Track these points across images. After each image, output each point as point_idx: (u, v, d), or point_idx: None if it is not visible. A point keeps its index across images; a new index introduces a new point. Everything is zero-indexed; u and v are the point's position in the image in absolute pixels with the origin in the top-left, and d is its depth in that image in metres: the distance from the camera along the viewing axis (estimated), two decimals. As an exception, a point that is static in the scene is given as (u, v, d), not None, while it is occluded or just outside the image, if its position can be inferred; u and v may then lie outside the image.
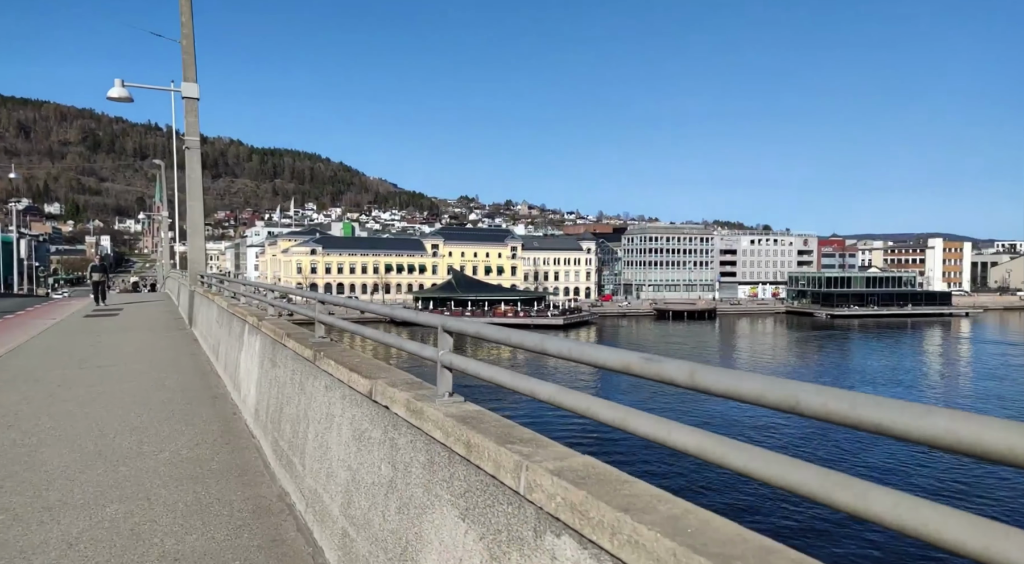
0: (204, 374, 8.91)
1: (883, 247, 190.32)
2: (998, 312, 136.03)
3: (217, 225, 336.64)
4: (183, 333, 13.82)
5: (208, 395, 7.57)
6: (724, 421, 38.08)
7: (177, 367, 9.41)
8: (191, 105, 14.72)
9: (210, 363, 9.70)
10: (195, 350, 11.19)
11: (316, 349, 4.56)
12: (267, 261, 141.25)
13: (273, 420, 5.42)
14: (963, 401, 45.10)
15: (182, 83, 14.71)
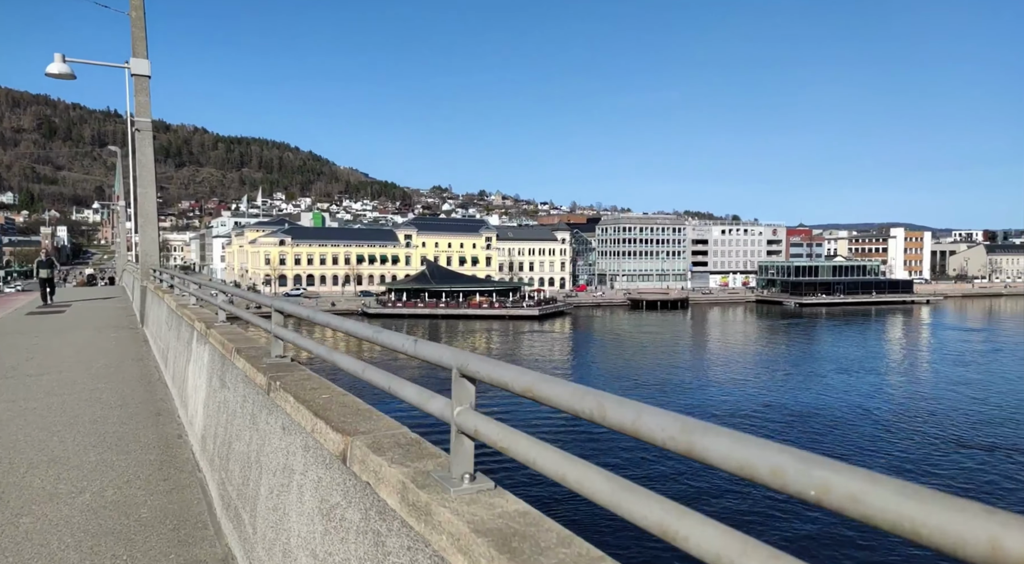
0: (149, 383, 7.75)
1: (848, 237, 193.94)
2: (957, 299, 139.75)
3: (181, 215, 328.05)
4: (133, 333, 12.54)
5: (151, 411, 6.44)
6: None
7: (119, 375, 8.23)
8: (142, 83, 13.37)
9: (159, 369, 8.52)
10: (143, 353, 9.97)
11: (271, 375, 3.61)
12: (234, 252, 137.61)
13: (221, 455, 4.42)
14: (929, 387, 45.68)
15: (131, 59, 13.33)
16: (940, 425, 35.29)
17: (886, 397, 43.07)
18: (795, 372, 52.36)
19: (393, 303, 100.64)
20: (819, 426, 34.90)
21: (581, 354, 63.53)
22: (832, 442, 31.94)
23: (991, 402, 40.85)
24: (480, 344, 70.73)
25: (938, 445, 31.62)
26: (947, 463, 28.90)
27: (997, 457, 29.65)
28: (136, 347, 10.66)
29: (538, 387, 1.68)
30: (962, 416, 37.30)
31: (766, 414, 37.38)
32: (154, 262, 14.26)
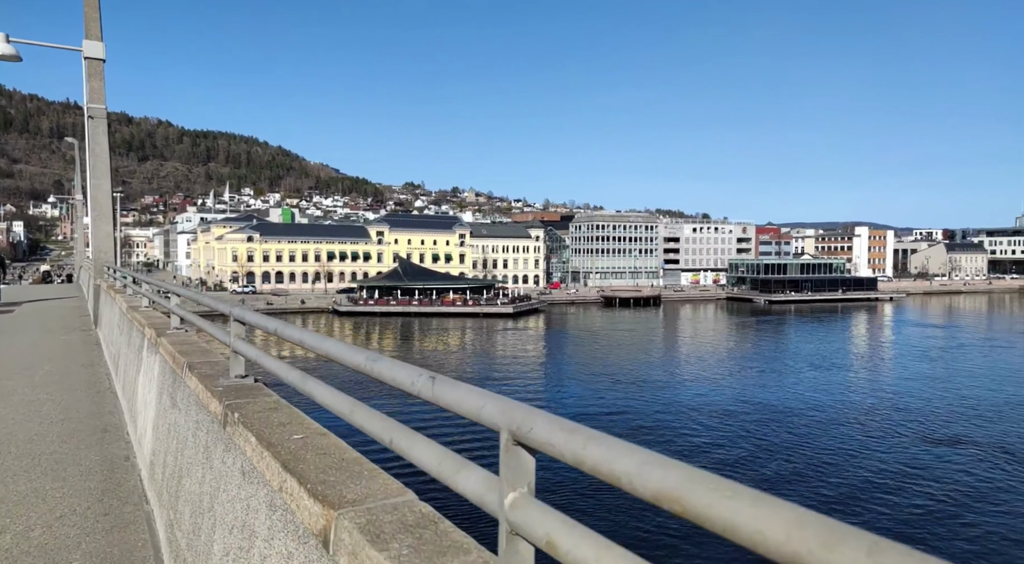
0: (98, 393, 6.98)
1: (814, 235, 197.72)
2: (919, 296, 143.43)
3: (144, 210, 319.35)
4: (85, 336, 11.63)
5: (96, 426, 5.70)
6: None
7: (64, 384, 7.43)
8: (95, 67, 12.42)
9: (109, 377, 7.74)
10: (95, 358, 9.14)
11: (228, 403, 2.94)
12: (199, 249, 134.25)
13: (170, 489, 3.73)
14: (898, 382, 46.44)
15: (84, 41, 12.37)
16: (909, 420, 35.77)
17: (857, 392, 43.62)
18: (768, 369, 52.82)
19: (365, 301, 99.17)
20: (792, 421, 35.08)
21: (556, 352, 63.23)
22: (805, 437, 32.10)
23: (957, 397, 41.65)
24: (454, 343, 69.97)
25: (907, 439, 32.00)
26: (914, 456, 29.23)
27: (961, 451, 30.09)
28: (87, 351, 9.80)
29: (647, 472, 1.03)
30: (930, 410, 37.90)
31: (741, 410, 37.48)
32: (108, 259, 13.31)
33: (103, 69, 12.35)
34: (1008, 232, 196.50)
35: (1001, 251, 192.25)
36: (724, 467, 27.83)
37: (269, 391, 3.26)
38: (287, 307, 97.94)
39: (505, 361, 56.82)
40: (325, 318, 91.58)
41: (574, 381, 47.59)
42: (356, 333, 76.60)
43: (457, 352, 63.22)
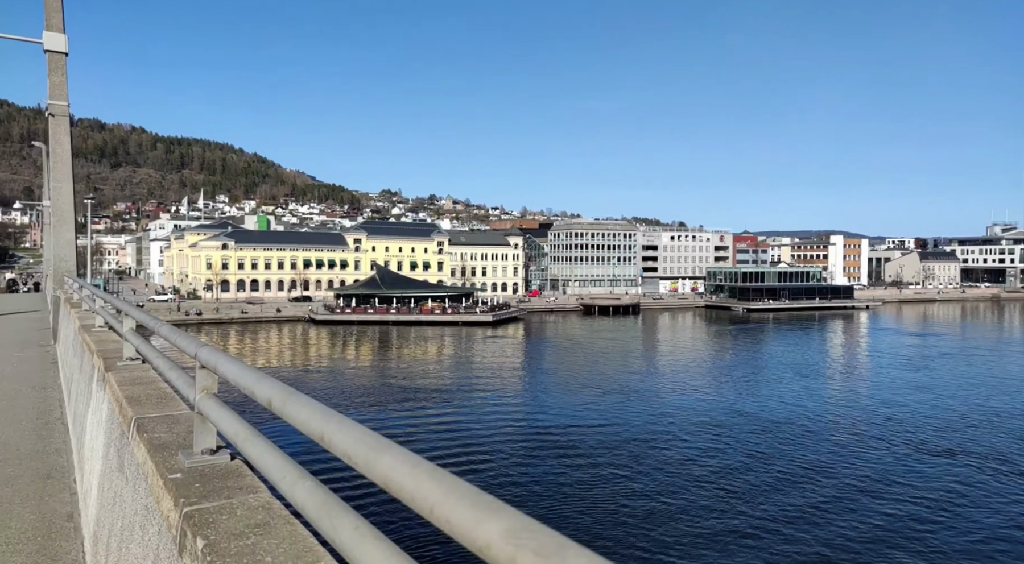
0: (47, 425, 6.08)
1: (790, 243, 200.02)
2: (894, 304, 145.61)
3: (116, 217, 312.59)
4: (42, 352, 10.64)
5: (39, 471, 4.81)
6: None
7: (10, 412, 6.51)
8: (56, 61, 11.49)
9: (62, 404, 6.86)
10: (49, 380, 8.20)
11: (189, 514, 2.00)
12: (173, 256, 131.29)
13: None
14: (882, 391, 46.54)
15: (44, 33, 11.45)
16: (897, 430, 35.69)
17: (842, 401, 43.55)
18: (750, 378, 52.70)
19: (342, 309, 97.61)
20: (777, 431, 34.79)
21: (537, 361, 62.56)
22: (789, 446, 31.80)
23: (944, 406, 41.77)
24: (433, 352, 68.92)
25: (895, 449, 31.86)
26: (900, 466, 29.05)
27: (950, 460, 29.99)
28: (41, 371, 8.86)
29: None
30: (917, 420, 37.89)
31: (724, 419, 37.13)
32: (70, 268, 12.30)
33: (65, 63, 11.44)
34: (979, 241, 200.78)
35: (973, 260, 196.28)
36: (709, 476, 27.34)
37: (255, 481, 2.33)
38: (262, 316, 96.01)
39: (485, 371, 55.98)
40: (301, 327, 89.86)
41: (555, 391, 46.93)
42: (332, 342, 75.13)
43: (436, 361, 62.20)
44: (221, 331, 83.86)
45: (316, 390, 45.81)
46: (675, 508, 24.33)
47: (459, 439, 33.31)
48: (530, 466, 29.07)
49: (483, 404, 42.10)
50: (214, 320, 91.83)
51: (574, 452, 31.21)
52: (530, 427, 36.01)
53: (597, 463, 29.49)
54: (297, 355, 65.32)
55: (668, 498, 25.27)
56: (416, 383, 49.43)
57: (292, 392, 1.80)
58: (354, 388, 47.42)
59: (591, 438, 33.69)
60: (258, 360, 61.18)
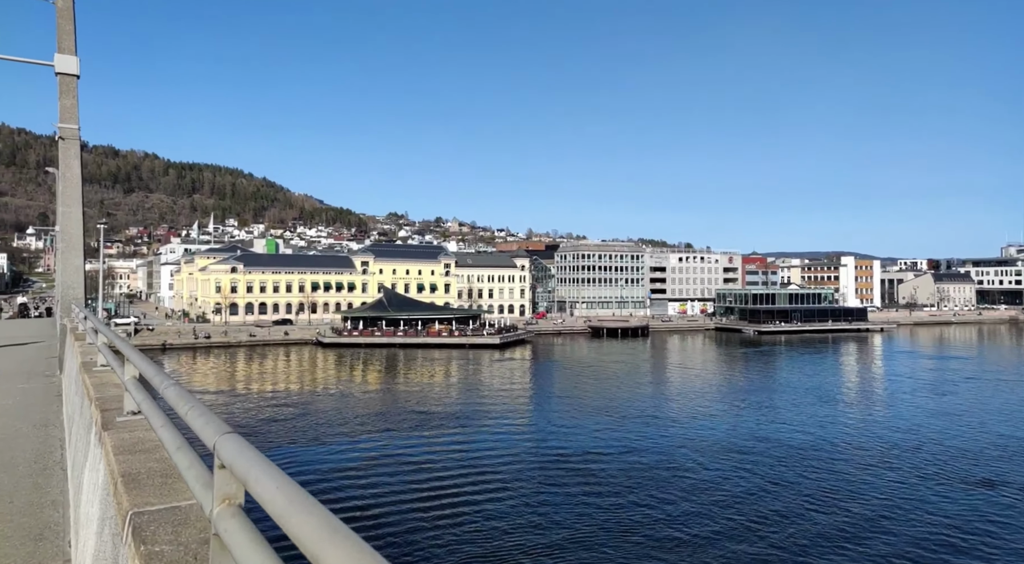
0: (44, 470, 5.60)
1: (800, 265, 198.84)
2: (909, 327, 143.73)
3: (129, 242, 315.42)
4: (47, 384, 10.22)
5: (31, 531, 4.25)
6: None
7: (8, 455, 6.01)
8: (67, 83, 11.29)
9: (63, 444, 6.39)
10: (51, 415, 7.74)
11: None
12: (183, 280, 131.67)
13: None
14: (909, 418, 45.35)
15: (55, 55, 11.28)
16: (921, 457, 34.66)
17: (861, 427, 42.48)
18: (766, 403, 51.68)
19: (349, 332, 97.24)
20: (798, 459, 33.83)
21: (546, 385, 61.77)
22: (811, 475, 30.86)
23: (970, 432, 40.59)
24: (440, 375, 68.26)
25: (924, 479, 30.85)
26: (927, 496, 28.07)
27: (985, 492, 28.97)
28: (44, 405, 8.43)
29: None
30: (948, 449, 36.75)
31: (742, 446, 36.21)
32: (77, 295, 11.93)
33: (76, 86, 11.22)
34: (993, 262, 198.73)
35: (988, 281, 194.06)
36: (731, 504, 26.45)
37: None
38: (270, 339, 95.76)
39: (495, 395, 55.26)
40: (309, 350, 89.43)
41: (567, 416, 46.13)
42: (339, 365, 74.61)
43: (444, 385, 61.53)
44: (229, 354, 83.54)
45: (326, 414, 45.21)
46: (697, 538, 23.49)
47: (471, 465, 32.59)
48: (544, 493, 28.30)
49: (494, 429, 41.37)
50: (222, 343, 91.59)
51: (589, 479, 30.42)
52: (543, 453, 35.24)
53: (613, 490, 28.69)
54: (305, 379, 64.80)
55: (689, 527, 24.44)
56: (426, 407, 48.76)
57: (363, 547, 1.19)
58: (363, 413, 46.79)
59: (606, 464, 32.89)
60: (266, 385, 60.71)
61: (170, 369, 71.13)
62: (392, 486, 28.95)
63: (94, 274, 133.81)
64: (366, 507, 26.03)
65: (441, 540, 22.94)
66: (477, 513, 25.70)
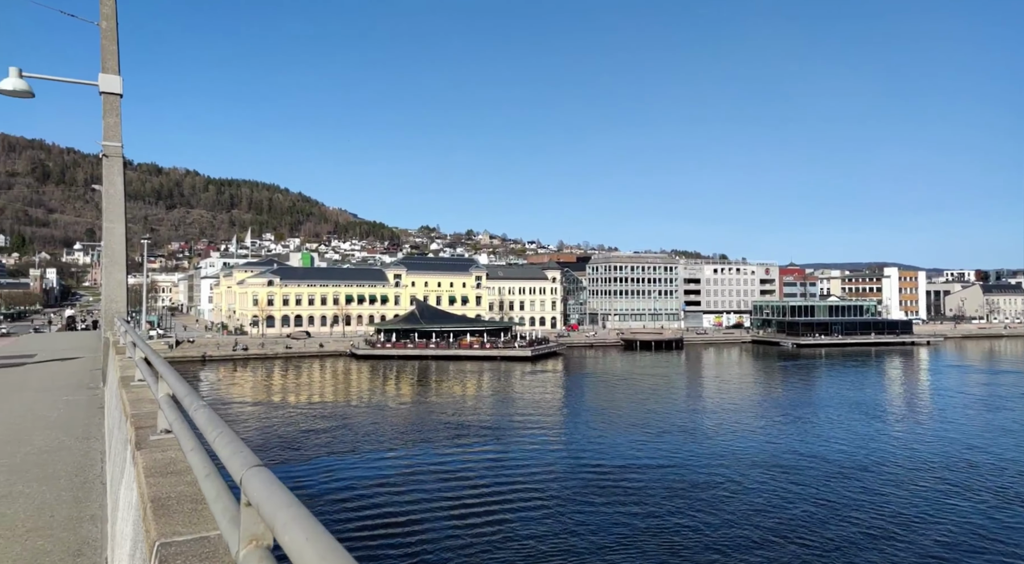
0: (84, 484, 5.61)
1: (840, 276, 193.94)
2: (957, 340, 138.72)
3: (171, 256, 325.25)
4: (90, 396, 10.41)
5: (70, 546, 4.20)
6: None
7: (50, 467, 6.11)
8: (111, 102, 11.60)
9: (103, 457, 6.43)
10: (93, 428, 7.82)
11: None
12: (222, 293, 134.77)
13: None
14: (962, 434, 43.49)
15: (100, 75, 11.60)
16: (979, 476, 33.09)
17: (913, 444, 40.81)
18: (810, 417, 50.17)
19: (382, 344, 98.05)
20: (849, 477, 32.60)
21: (578, 398, 61.14)
22: (866, 495, 29.66)
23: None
24: (472, 387, 68.18)
25: (979, 498, 29.43)
26: (989, 519, 26.73)
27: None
28: (87, 417, 8.55)
29: None
30: (1002, 466, 35.10)
31: (789, 463, 35.11)
32: (120, 309, 12.17)
33: (119, 105, 11.53)
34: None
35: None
36: (780, 527, 25.59)
37: None
38: (305, 351, 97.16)
39: (528, 407, 54.89)
40: (343, 362, 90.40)
41: (600, 429, 45.50)
42: (373, 377, 75.17)
43: (477, 397, 61.39)
44: (266, 366, 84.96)
45: (361, 426, 45.47)
46: (737, 557, 22.77)
47: (505, 478, 32.29)
48: (580, 508, 27.83)
49: (528, 442, 41.01)
50: (259, 355, 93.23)
51: (625, 494, 29.83)
52: (578, 467, 34.75)
53: (650, 506, 28.05)
54: (339, 390, 65.43)
55: (728, 545, 23.70)
56: (459, 419, 48.68)
57: None
58: (398, 424, 46.94)
59: (642, 480, 32.23)
60: (302, 396, 61.46)
61: (211, 380, 72.63)
62: (427, 498, 28.84)
63: (138, 288, 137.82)
64: (401, 519, 25.96)
65: (475, 552, 22.70)
66: (511, 527, 25.40)
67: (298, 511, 1.49)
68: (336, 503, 28.40)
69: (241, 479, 1.78)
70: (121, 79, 11.52)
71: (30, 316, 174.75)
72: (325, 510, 27.34)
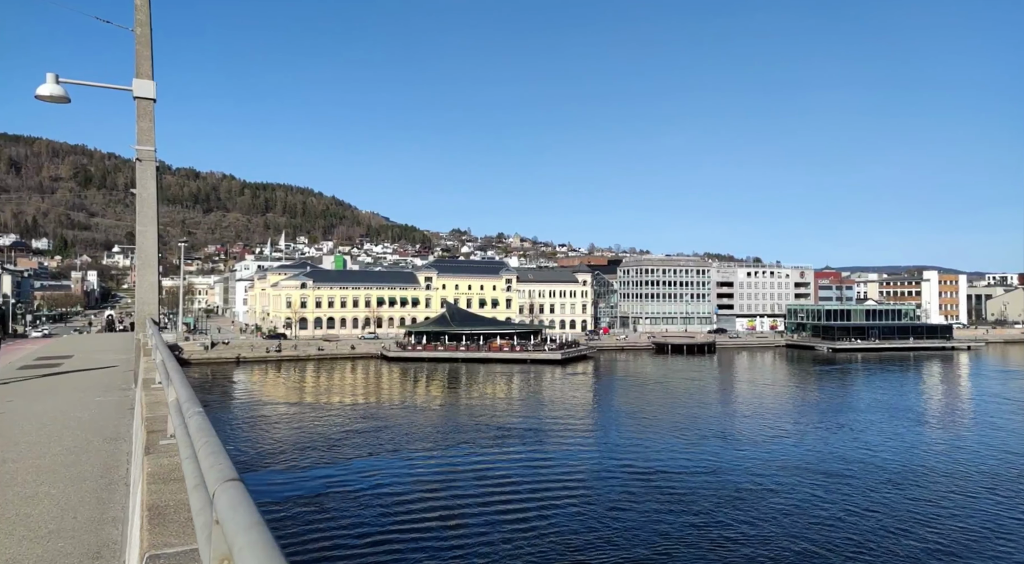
0: (109, 485, 5.64)
1: (878, 280, 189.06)
2: (999, 345, 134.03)
3: (207, 259, 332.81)
4: (122, 397, 10.57)
5: (89, 548, 4.16)
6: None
7: (76, 467, 6.17)
8: (145, 107, 11.82)
9: (129, 458, 6.47)
10: (122, 429, 7.91)
11: None
12: (256, 295, 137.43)
13: None
14: (1012, 442, 41.83)
15: (134, 81, 11.82)
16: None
17: (961, 451, 39.33)
18: (852, 423, 48.81)
19: (413, 346, 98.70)
20: (897, 485, 31.57)
21: (609, 402, 60.58)
22: (918, 503, 28.65)
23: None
24: (502, 390, 68.09)
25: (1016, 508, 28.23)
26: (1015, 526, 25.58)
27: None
28: (117, 419, 8.66)
29: None
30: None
31: (835, 469, 34.13)
32: (152, 311, 12.37)
33: (153, 109, 11.73)
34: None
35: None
36: (799, 531, 24.87)
37: None
38: (337, 353, 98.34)
39: (560, 410, 54.57)
40: (374, 364, 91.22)
41: (632, 433, 44.98)
42: (404, 379, 75.64)
43: (508, 400, 61.27)
44: (299, 368, 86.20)
45: (393, 428, 45.75)
46: (770, 560, 22.19)
47: (539, 480, 32.09)
48: (612, 511, 27.48)
49: (561, 445, 40.76)
50: (292, 357, 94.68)
51: (662, 500, 29.36)
52: (610, 470, 34.37)
53: (683, 510, 27.56)
54: (371, 392, 66.00)
55: (761, 549, 23.11)
56: (491, 421, 48.65)
57: None
58: (429, 426, 47.11)
59: (680, 485, 31.70)
60: (334, 397, 62.14)
61: (244, 381, 73.92)
62: (460, 499, 28.80)
63: (175, 290, 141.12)
64: (434, 520, 25.96)
65: (508, 552, 22.55)
66: (544, 528, 25.19)
67: (258, 536, 1.39)
68: (369, 504, 28.55)
69: (213, 494, 1.68)
70: (155, 84, 11.73)
71: (71, 317, 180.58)
72: (352, 510, 27.50)
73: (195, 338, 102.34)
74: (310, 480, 32.33)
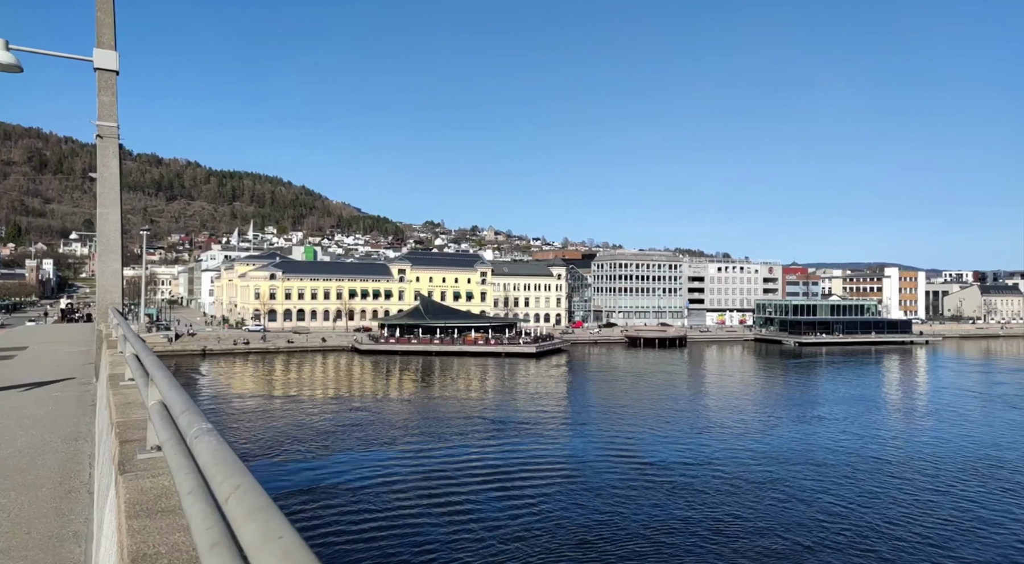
0: (68, 493, 4.95)
1: (842, 276, 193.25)
2: (954, 340, 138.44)
3: (171, 248, 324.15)
4: (82, 391, 9.76)
5: None
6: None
7: (32, 472, 5.42)
8: (106, 79, 10.91)
9: (93, 460, 5.78)
10: (82, 428, 7.15)
11: None
12: (223, 286, 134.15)
13: None
14: (982, 433, 42.86)
15: (95, 50, 10.91)
16: (981, 478, 32.47)
17: (929, 442, 40.16)
18: (812, 416, 49.56)
19: (386, 339, 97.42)
20: (858, 480, 31.98)
21: (583, 395, 60.53)
22: (869, 498, 29.05)
23: None
24: (476, 383, 67.56)
25: (997, 500, 28.82)
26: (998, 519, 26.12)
27: None
28: (76, 415, 7.91)
29: None
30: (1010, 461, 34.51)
31: (821, 458, 34.49)
32: (115, 299, 11.46)
33: (115, 82, 10.83)
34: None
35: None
36: (764, 523, 24.98)
37: None
38: (307, 345, 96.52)
39: (533, 404, 54.28)
40: (346, 357, 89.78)
41: (604, 426, 44.91)
42: (376, 372, 74.53)
43: (481, 393, 60.78)
44: (267, 360, 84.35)
45: (365, 423, 44.86)
46: (739, 553, 22.15)
47: (509, 474, 31.68)
48: (585, 505, 27.23)
49: (533, 439, 40.42)
50: (260, 349, 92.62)
51: (632, 492, 29.23)
52: (583, 463, 34.15)
53: (659, 504, 27.44)
54: (342, 385, 64.82)
55: (729, 539, 23.09)
56: (463, 415, 48.09)
57: None
58: (400, 421, 46.34)
59: (650, 477, 31.61)
60: (303, 390, 60.85)
61: (210, 374, 71.96)
62: (430, 494, 28.26)
63: (136, 280, 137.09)
64: (404, 515, 25.38)
65: (478, 548, 22.12)
66: (514, 523, 24.81)
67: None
68: (339, 500, 27.83)
69: None
70: (117, 55, 10.82)
71: (25, 308, 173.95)
72: (325, 507, 26.77)
73: (158, 330, 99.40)
74: (281, 476, 31.43)
